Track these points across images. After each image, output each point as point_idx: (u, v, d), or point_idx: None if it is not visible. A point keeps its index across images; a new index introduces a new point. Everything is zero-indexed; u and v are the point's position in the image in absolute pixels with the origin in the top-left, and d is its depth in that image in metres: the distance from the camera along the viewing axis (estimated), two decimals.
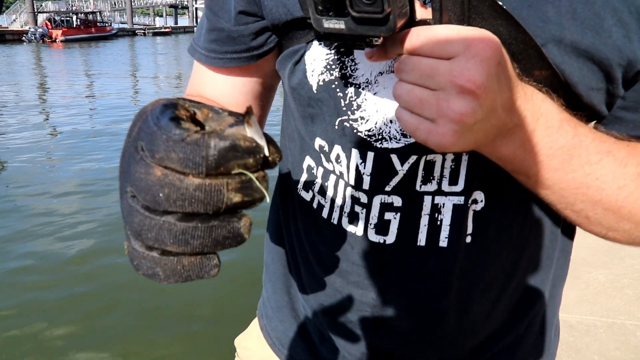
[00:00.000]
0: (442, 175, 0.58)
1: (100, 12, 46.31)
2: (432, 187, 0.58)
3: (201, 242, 0.34)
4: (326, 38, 0.46)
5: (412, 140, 0.56)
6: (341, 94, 0.58)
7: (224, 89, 0.70)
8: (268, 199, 0.35)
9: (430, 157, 0.57)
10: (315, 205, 0.67)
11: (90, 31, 39.29)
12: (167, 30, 49.71)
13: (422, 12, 0.46)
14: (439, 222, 0.59)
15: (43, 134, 7.90)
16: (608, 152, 0.50)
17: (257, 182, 0.34)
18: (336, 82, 0.58)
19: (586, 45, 0.49)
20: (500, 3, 0.48)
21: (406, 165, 0.58)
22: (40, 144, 7.27)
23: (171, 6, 59.38)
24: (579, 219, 0.55)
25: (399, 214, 0.60)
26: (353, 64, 0.57)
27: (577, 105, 0.52)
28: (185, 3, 58.01)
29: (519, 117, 0.46)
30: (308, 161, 0.67)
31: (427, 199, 0.58)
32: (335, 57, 0.57)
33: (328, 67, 0.58)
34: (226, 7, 0.63)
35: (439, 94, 0.42)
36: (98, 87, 13.33)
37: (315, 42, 0.58)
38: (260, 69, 0.69)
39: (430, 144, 0.45)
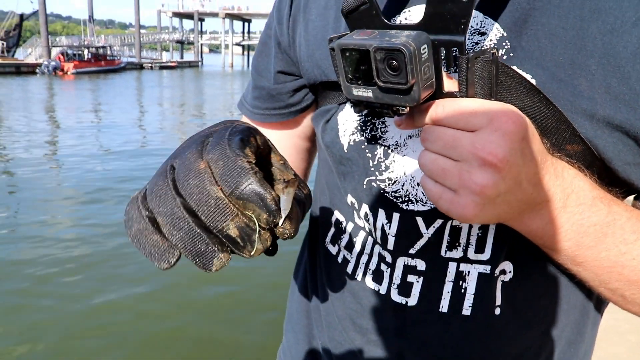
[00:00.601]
0: (468, 243, 0.57)
1: (110, 46, 47.71)
2: (457, 253, 0.57)
3: (180, 236, 0.37)
4: (356, 104, 0.50)
5: None
6: (370, 155, 0.60)
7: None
8: (248, 256, 0.38)
9: (456, 222, 0.57)
10: (340, 259, 0.68)
11: (100, 64, 40.67)
12: (173, 64, 51.28)
13: (450, 84, 0.46)
14: (462, 290, 0.58)
15: (50, 158, 8.82)
16: None
17: (257, 236, 0.37)
18: (366, 143, 0.60)
19: (620, 120, 0.47)
20: (529, 77, 0.49)
21: (431, 229, 0.58)
22: (48, 170, 8.15)
23: (178, 42, 61.08)
24: (614, 297, 0.53)
25: (422, 278, 0.59)
26: (383, 126, 0.59)
27: (613, 181, 0.51)
28: (191, 39, 59.78)
29: (547, 192, 0.46)
30: (337, 215, 0.69)
31: (452, 266, 0.58)
32: (367, 118, 0.60)
33: (359, 128, 0.60)
34: (268, 67, 0.71)
35: (461, 165, 0.43)
36: (104, 116, 14.29)
37: (348, 104, 0.61)
38: (300, 124, 0.74)
39: (452, 214, 0.46)
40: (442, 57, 0.45)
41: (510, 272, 0.58)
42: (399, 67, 0.42)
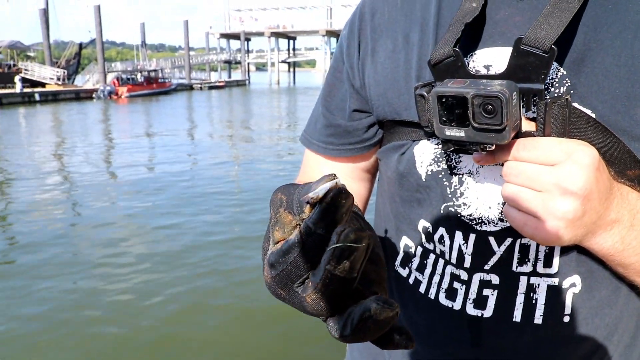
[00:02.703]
0: (536, 258, 0.62)
1: (161, 69, 49.64)
2: (527, 268, 0.63)
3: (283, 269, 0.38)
4: (445, 143, 0.57)
5: (507, 224, 0.62)
6: (447, 183, 0.66)
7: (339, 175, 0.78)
8: None
9: (524, 240, 0.62)
10: (411, 281, 0.73)
11: (152, 87, 42.20)
12: (221, 84, 52.63)
13: (527, 125, 0.54)
14: (534, 301, 0.63)
15: (107, 177, 9.11)
16: None
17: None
18: (443, 172, 0.66)
19: None
20: (589, 112, 0.56)
21: (503, 247, 0.64)
22: (105, 186, 8.41)
23: (225, 62, 62.77)
24: None
25: (496, 291, 0.65)
26: (457, 157, 0.65)
27: None
28: (238, 58, 61.22)
29: (617, 213, 0.53)
30: (405, 241, 0.74)
31: (523, 279, 0.63)
32: (442, 151, 0.65)
33: (436, 159, 0.66)
34: (342, 106, 0.77)
35: (544, 195, 0.51)
36: (154, 137, 14.70)
37: (424, 139, 0.67)
38: (368, 158, 0.81)
39: (537, 239, 0.53)
40: (523, 103, 0.53)
41: (579, 284, 0.63)
42: (495, 110, 0.49)
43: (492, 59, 0.61)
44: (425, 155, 0.68)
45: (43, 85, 38.63)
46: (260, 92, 44.46)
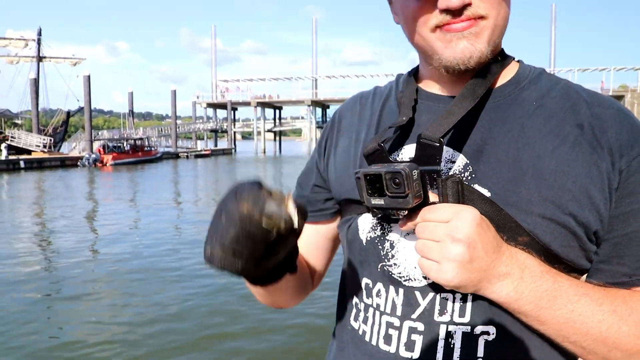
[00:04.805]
0: (453, 309, 0.74)
1: (148, 137, 50.02)
2: (446, 318, 0.75)
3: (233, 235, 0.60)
4: (372, 210, 0.77)
5: (430, 281, 0.76)
6: (381, 247, 0.81)
7: (301, 239, 0.94)
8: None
9: (443, 295, 0.75)
10: (360, 332, 0.86)
11: (137, 155, 42.39)
12: (207, 152, 53.12)
13: (433, 197, 0.70)
14: (452, 345, 0.74)
15: (88, 249, 8.95)
16: (584, 294, 0.68)
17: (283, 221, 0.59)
18: (378, 239, 0.82)
19: (551, 215, 0.70)
20: (486, 191, 0.73)
21: (426, 300, 0.76)
22: (86, 262, 8.24)
23: (212, 131, 63.56)
24: (577, 349, 0.70)
25: (422, 336, 0.76)
26: (389, 227, 0.81)
27: (557, 260, 0.71)
28: (225, 128, 62.04)
29: (507, 267, 0.67)
30: (355, 300, 0.89)
31: (443, 327, 0.75)
32: (377, 222, 0.82)
33: (373, 228, 0.83)
34: (309, 183, 0.99)
35: (441, 244, 0.66)
36: (139, 208, 14.57)
37: (365, 213, 0.84)
38: (327, 226, 0.99)
39: (439, 280, 0.67)
40: (427, 181, 0.70)
41: (493, 333, 0.74)
42: (400, 183, 0.66)
43: (412, 151, 0.77)
44: (365, 225, 0.84)
45: (29, 152, 38.66)
46: (246, 160, 44.92)
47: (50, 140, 40.69)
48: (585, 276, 0.76)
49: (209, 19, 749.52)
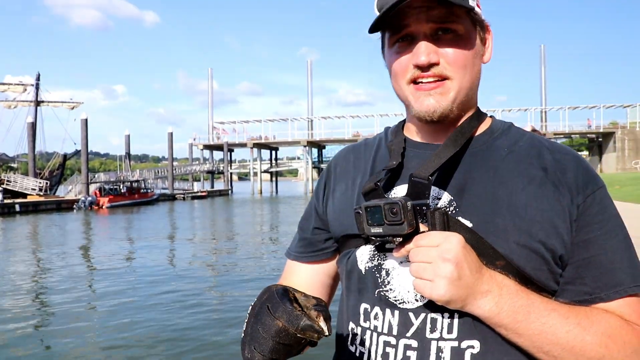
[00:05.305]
0: (442, 327, 0.85)
1: (144, 179, 49.96)
2: (436, 335, 0.85)
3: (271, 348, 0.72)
4: (371, 237, 0.84)
5: (421, 303, 0.87)
6: (378, 275, 0.92)
7: (305, 278, 1.12)
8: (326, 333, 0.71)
9: (433, 315, 0.86)
10: (358, 354, 0.95)
11: (133, 197, 42.36)
12: (203, 193, 53.04)
13: (423, 228, 0.82)
14: (442, 359, 0.84)
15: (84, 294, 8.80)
16: (553, 309, 0.80)
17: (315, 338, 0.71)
18: (375, 268, 0.93)
19: (523, 242, 0.83)
20: (468, 222, 0.86)
21: (419, 320, 0.87)
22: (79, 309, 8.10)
23: (208, 172, 63.59)
24: (549, 358, 0.80)
25: (416, 352, 0.86)
26: (385, 256, 0.93)
27: (529, 282, 0.84)
28: (221, 169, 62.36)
29: (488, 285, 0.79)
30: (351, 325, 0.98)
31: (434, 343, 0.85)
32: (374, 253, 0.94)
33: (370, 259, 0.94)
34: (309, 226, 1.11)
35: (433, 264, 0.77)
36: (131, 253, 14.38)
37: (362, 246, 0.96)
38: (327, 264, 1.11)
39: (433, 297, 0.78)
40: (418, 213, 0.81)
41: (478, 347, 0.84)
42: (397, 212, 0.78)
43: (404, 190, 0.90)
44: (363, 256, 0.96)
45: (24, 196, 38.52)
46: (243, 201, 44.81)
47: (47, 183, 40.60)
48: (553, 297, 0.88)
49: (205, 61, 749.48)
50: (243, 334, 0.77)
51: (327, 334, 0.71)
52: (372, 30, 0.92)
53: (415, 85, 0.90)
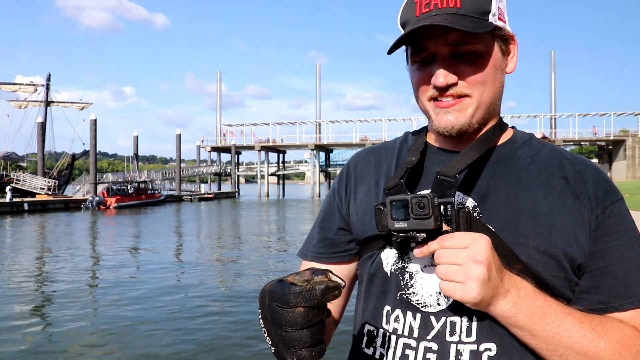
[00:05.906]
0: (461, 331, 0.87)
1: (152, 180, 50.26)
2: (455, 338, 0.87)
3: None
4: (393, 233, 0.82)
5: (442, 307, 0.89)
6: (401, 278, 0.94)
7: None
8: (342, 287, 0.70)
9: (452, 318, 0.88)
10: (377, 356, 0.96)
11: (140, 198, 42.66)
12: (210, 195, 53.16)
13: (446, 227, 0.82)
14: None
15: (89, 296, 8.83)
16: (569, 313, 0.81)
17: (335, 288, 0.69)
18: (399, 271, 0.95)
19: (544, 248, 0.85)
20: (489, 226, 0.87)
21: (439, 323, 0.89)
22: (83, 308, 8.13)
23: (215, 174, 63.82)
24: None
25: (435, 355, 0.88)
26: (409, 259, 0.94)
27: (545, 287, 0.84)
28: (229, 171, 62.49)
29: (508, 285, 0.79)
30: (368, 327, 0.99)
31: (453, 346, 0.87)
32: (398, 256, 0.95)
33: (395, 261, 0.95)
34: (332, 226, 1.09)
35: (464, 266, 0.75)
36: (136, 253, 14.43)
37: (387, 248, 0.97)
38: (348, 267, 1.09)
39: (464, 298, 0.76)
40: (442, 212, 0.80)
41: (494, 350, 0.86)
42: (425, 206, 0.77)
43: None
44: (389, 259, 0.97)
45: (33, 195, 38.80)
46: (250, 204, 44.79)
47: (55, 182, 40.89)
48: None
49: (214, 64, 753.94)
50: (273, 347, 0.73)
51: (343, 284, 0.70)
52: (393, 49, 0.93)
53: (435, 102, 0.93)
